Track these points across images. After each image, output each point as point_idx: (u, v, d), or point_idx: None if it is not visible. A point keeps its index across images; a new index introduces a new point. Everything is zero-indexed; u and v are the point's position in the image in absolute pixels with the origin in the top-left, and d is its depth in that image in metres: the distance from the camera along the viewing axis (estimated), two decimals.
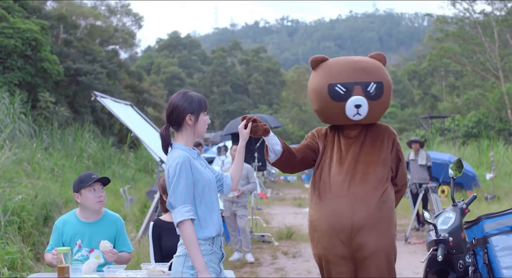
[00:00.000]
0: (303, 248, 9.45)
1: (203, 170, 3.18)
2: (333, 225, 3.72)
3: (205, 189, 3.13)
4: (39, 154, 14.34)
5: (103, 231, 3.86)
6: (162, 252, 3.95)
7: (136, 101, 31.78)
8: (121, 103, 13.05)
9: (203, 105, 3.23)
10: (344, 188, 3.74)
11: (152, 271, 3.50)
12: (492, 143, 22.26)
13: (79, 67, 25.53)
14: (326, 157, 3.86)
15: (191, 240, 3.00)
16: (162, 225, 4.05)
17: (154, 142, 11.58)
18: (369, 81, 3.76)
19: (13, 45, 20.24)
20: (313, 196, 3.86)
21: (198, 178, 3.11)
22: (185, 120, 3.16)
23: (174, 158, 3.09)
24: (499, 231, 2.96)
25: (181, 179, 3.03)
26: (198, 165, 3.17)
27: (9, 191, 8.12)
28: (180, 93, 3.23)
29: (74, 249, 3.81)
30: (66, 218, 3.95)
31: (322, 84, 3.80)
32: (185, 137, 3.21)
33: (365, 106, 3.72)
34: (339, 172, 3.77)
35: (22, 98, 18.02)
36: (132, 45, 39.49)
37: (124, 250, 3.94)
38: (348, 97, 3.72)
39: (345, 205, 3.71)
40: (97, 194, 3.85)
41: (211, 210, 3.14)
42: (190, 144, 3.23)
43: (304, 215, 14.55)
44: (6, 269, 5.77)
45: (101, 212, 3.96)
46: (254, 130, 3.57)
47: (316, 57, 3.97)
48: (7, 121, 15.20)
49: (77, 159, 17.61)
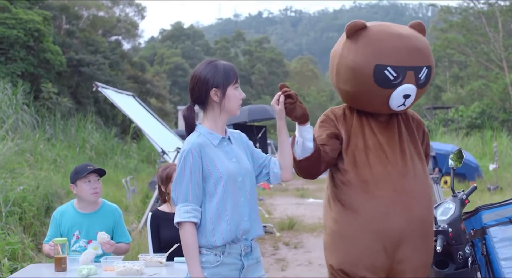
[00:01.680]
0: (305, 239, 9.45)
1: (222, 161, 2.64)
2: (378, 230, 2.97)
3: (218, 185, 2.59)
4: (42, 144, 14.34)
5: (101, 222, 3.85)
6: (161, 243, 3.94)
7: (139, 92, 31.77)
8: (123, 94, 13.02)
9: (232, 76, 2.67)
10: (393, 183, 3.01)
11: (149, 262, 3.49)
12: (495, 133, 22.18)
13: (82, 58, 25.51)
14: (357, 143, 3.07)
15: (187, 246, 2.58)
16: (161, 216, 4.03)
17: (156, 132, 11.57)
18: (422, 65, 3.03)
19: (15, 36, 20.23)
20: (342, 193, 3.06)
21: (210, 170, 2.60)
22: (209, 96, 2.64)
23: (184, 144, 2.65)
24: (498, 222, 2.91)
25: (185, 172, 2.57)
26: (217, 153, 2.64)
27: (10, 182, 8.12)
28: (204, 63, 2.72)
29: (72, 240, 3.80)
30: (63, 209, 3.93)
31: (367, 62, 2.97)
32: (210, 117, 2.69)
33: (413, 96, 3.04)
34: (381, 162, 3.03)
35: (24, 89, 18.01)
36: (135, 36, 39.42)
37: (122, 241, 3.92)
38: (398, 85, 2.99)
39: (396, 204, 2.98)
40: (92, 185, 3.83)
41: (221, 212, 2.59)
42: (219, 125, 2.69)
43: (306, 205, 14.55)
44: (6, 259, 5.77)
45: (99, 203, 3.94)
46: (288, 109, 2.81)
47: (356, 24, 3.04)
48: (10, 112, 15.20)
49: (79, 149, 17.63)
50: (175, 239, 3.78)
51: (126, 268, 3.25)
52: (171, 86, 52.33)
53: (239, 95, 2.69)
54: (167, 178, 3.99)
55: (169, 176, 3.98)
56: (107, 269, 3.38)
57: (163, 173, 4.04)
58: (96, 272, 3.29)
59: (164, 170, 4.06)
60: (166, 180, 4.00)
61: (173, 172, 3.99)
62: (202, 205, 2.62)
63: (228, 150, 2.70)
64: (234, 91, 2.67)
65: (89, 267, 3.27)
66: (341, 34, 3.21)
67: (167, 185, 4.00)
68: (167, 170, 4.03)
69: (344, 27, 3.10)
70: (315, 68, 69.51)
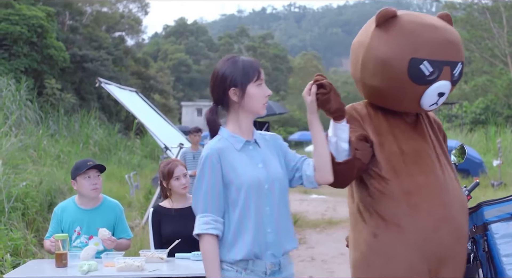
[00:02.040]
0: (308, 235, 9.44)
1: (245, 166, 2.40)
2: (425, 248, 2.63)
3: (240, 193, 2.35)
4: (45, 140, 14.37)
5: (102, 218, 3.84)
6: (162, 239, 3.93)
7: (143, 88, 31.78)
8: (126, 90, 13.04)
9: (252, 73, 2.42)
10: (438, 195, 2.68)
11: (150, 258, 3.49)
12: (499, 129, 22.13)
13: (85, 54, 25.52)
14: (391, 147, 2.73)
15: (205, 260, 2.35)
16: (162, 212, 4.02)
17: (159, 128, 11.59)
18: (457, 61, 2.73)
19: (19, 32, 20.23)
20: (380, 204, 2.68)
21: (231, 177, 2.37)
22: (229, 96, 2.42)
23: (203, 150, 2.43)
24: (499, 218, 2.87)
25: (203, 180, 2.37)
26: (239, 158, 2.41)
27: (13, 178, 8.13)
28: (223, 59, 2.50)
29: (73, 236, 3.79)
30: (65, 205, 3.93)
31: (401, 55, 2.65)
32: (232, 119, 2.46)
33: (447, 94, 2.75)
34: (422, 171, 2.70)
35: (28, 85, 18.03)
36: (138, 32, 39.43)
37: (123, 236, 3.92)
38: (433, 81, 2.67)
39: (444, 219, 2.66)
40: (92, 181, 3.81)
41: (244, 223, 2.35)
42: (243, 127, 2.45)
43: (309, 201, 14.55)
44: (8, 255, 5.78)
45: (100, 199, 3.93)
46: (320, 101, 2.46)
47: (388, 12, 2.72)
48: (13, 108, 15.22)
49: (83, 145, 17.64)
50: (177, 234, 3.78)
51: (127, 264, 3.25)
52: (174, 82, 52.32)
53: (263, 93, 2.44)
54: (169, 174, 3.98)
55: (170, 172, 3.97)
56: (107, 265, 3.38)
57: (165, 169, 4.02)
58: (96, 268, 3.28)
59: (166, 166, 4.05)
60: (168, 175, 3.98)
61: (174, 168, 3.98)
62: (226, 214, 2.37)
63: (254, 154, 2.44)
64: (256, 89, 2.41)
65: (90, 263, 3.27)
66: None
67: (169, 181, 3.99)
68: (169, 166, 4.02)
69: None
70: (319, 64, 69.35)
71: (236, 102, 2.41)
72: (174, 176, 3.96)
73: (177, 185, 3.97)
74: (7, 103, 15.09)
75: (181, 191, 3.99)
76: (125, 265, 3.25)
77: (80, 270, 3.20)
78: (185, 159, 8.28)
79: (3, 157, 9.53)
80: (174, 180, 3.97)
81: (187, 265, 3.48)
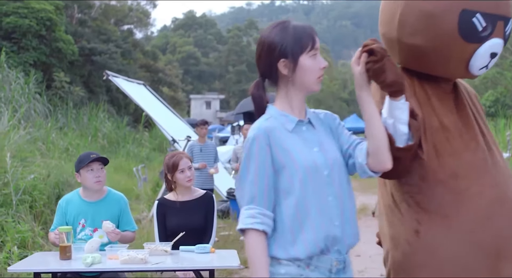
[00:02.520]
0: None
1: (300, 150, 2.02)
2: (479, 240, 2.22)
3: (295, 181, 1.98)
4: (54, 133, 14.42)
5: (106, 210, 3.84)
6: (167, 231, 3.93)
7: (151, 81, 31.82)
8: (134, 83, 13.06)
9: (305, 42, 2.06)
10: (489, 175, 2.28)
11: (154, 250, 3.48)
12: (509, 122, 21.96)
13: (94, 47, 25.58)
14: (431, 121, 2.31)
15: (251, 258, 1.98)
16: (167, 204, 4.01)
17: (167, 121, 11.59)
18: (509, 17, 2.34)
19: (27, 25, 20.30)
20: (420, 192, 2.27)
21: (283, 162, 1.99)
22: (278, 69, 2.05)
23: (249, 131, 2.06)
24: None
25: (250, 166, 2.00)
26: (292, 141, 2.04)
27: (21, 170, 8.16)
28: (272, 25, 2.15)
29: (78, 228, 3.80)
30: (69, 197, 3.93)
31: (451, 7, 2.24)
32: (282, 95, 2.10)
33: (498, 55, 2.35)
34: (467, 148, 2.30)
35: (37, 78, 18.10)
36: (147, 25, 39.48)
37: (128, 229, 3.91)
38: (486, 39, 2.27)
39: (499, 204, 2.25)
40: (95, 174, 3.80)
41: (303, 216, 1.97)
42: (294, 104, 2.09)
43: None
44: (16, 247, 5.80)
45: (104, 191, 3.93)
46: (372, 72, 2.05)
47: None
48: (22, 101, 15.29)
49: (91, 138, 17.71)
50: (181, 227, 3.78)
51: (130, 257, 3.24)
52: (183, 75, 52.37)
53: (318, 65, 2.06)
54: (174, 166, 3.97)
55: (175, 164, 3.96)
56: (111, 257, 3.38)
57: (170, 161, 4.01)
58: (100, 260, 3.28)
59: (170, 158, 4.04)
60: (173, 168, 3.97)
61: (179, 160, 3.97)
62: (277, 206, 2.01)
63: (308, 136, 2.08)
64: (309, 61, 2.04)
65: (94, 255, 3.27)
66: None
67: (174, 173, 3.98)
68: (174, 158, 4.01)
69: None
70: (328, 56, 69.09)
71: (287, 76, 2.05)
72: (179, 169, 3.96)
73: (182, 177, 3.96)
74: (16, 96, 15.16)
75: (186, 184, 3.98)
76: (128, 258, 3.24)
77: (83, 263, 3.20)
78: (192, 151, 8.29)
79: (12, 150, 9.57)
80: (179, 172, 3.96)
81: (192, 258, 3.48)
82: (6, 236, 6.17)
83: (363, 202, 12.87)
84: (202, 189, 4.22)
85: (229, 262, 3.32)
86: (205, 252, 3.56)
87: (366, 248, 7.70)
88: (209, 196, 4.12)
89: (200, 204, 4.03)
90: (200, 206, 4.02)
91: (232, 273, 6.32)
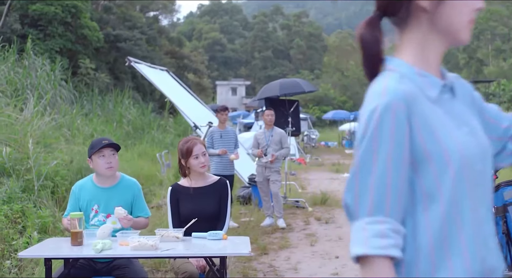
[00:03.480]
0: (337, 214, 9.35)
1: (450, 130, 1.36)
2: None
3: (445, 178, 1.32)
4: (79, 119, 14.53)
5: (120, 196, 3.80)
6: (180, 217, 3.89)
7: (177, 67, 31.86)
8: (157, 69, 13.04)
9: None
10: None
11: (166, 237, 3.45)
12: None
13: (119, 34, 25.67)
14: None
15: None
16: (180, 190, 3.96)
17: (189, 107, 11.56)
18: None
19: (53, 13, 20.43)
20: None
21: (429, 150, 1.33)
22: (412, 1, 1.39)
23: (373, 96, 1.35)
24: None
25: (379, 151, 1.31)
26: (438, 116, 1.36)
27: (44, 156, 8.22)
28: None
29: (91, 214, 3.78)
30: (82, 183, 3.91)
31: None
32: (414, 42, 1.42)
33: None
34: None
35: (63, 65, 18.23)
36: (172, 11, 39.41)
37: (141, 215, 3.88)
38: None
39: None
40: (107, 160, 3.77)
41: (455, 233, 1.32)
42: (431, 59, 1.42)
43: (341, 180, 14.41)
44: (35, 232, 5.84)
45: (117, 177, 3.89)
46: None
47: None
48: (48, 88, 15.43)
49: (116, 124, 17.79)
50: (195, 213, 3.74)
51: (141, 243, 3.21)
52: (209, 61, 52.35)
53: (473, 4, 1.40)
54: (188, 152, 3.92)
55: (189, 150, 3.91)
56: (122, 243, 3.35)
57: (184, 147, 3.96)
58: (111, 246, 3.26)
59: (184, 144, 3.99)
60: (187, 154, 3.92)
61: (193, 146, 3.91)
62: (409, 217, 1.34)
63: (453, 109, 1.41)
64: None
65: (104, 241, 3.24)
66: None
67: (188, 159, 3.93)
68: (188, 144, 3.96)
69: None
70: (354, 42, 68.42)
71: (426, 12, 1.38)
72: (193, 155, 3.91)
73: (196, 163, 3.91)
74: (42, 83, 15.29)
75: (200, 170, 3.93)
76: (139, 244, 3.21)
77: (93, 249, 3.18)
78: (212, 137, 8.24)
79: (37, 136, 9.65)
80: (193, 158, 3.91)
81: (203, 244, 3.43)
82: (27, 221, 6.23)
83: None
84: (222, 175, 4.17)
85: (241, 249, 3.26)
86: (218, 238, 3.51)
87: None
88: (223, 182, 4.07)
89: (214, 190, 3.98)
90: (214, 192, 3.97)
91: (251, 260, 6.29)
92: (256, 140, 8.55)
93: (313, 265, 6.10)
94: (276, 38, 62.72)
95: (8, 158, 7.58)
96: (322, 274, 5.72)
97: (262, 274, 5.71)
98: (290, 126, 10.17)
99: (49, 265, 3.22)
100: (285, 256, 6.53)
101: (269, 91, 10.69)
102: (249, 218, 8.68)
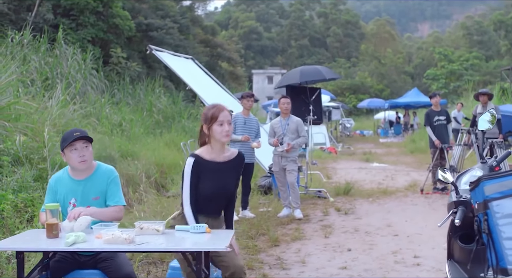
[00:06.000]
0: (358, 205, 9.11)
1: None
2: None
3: None
4: (108, 108, 14.55)
5: (96, 187, 3.65)
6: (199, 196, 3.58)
7: (210, 56, 31.78)
8: (181, 57, 12.94)
9: None
10: None
11: (146, 230, 3.30)
12: None
13: (151, 23, 25.68)
14: None
15: None
16: (203, 164, 3.59)
17: (212, 95, 11.43)
18: None
19: (85, 2, 20.53)
20: None
21: None
22: None
23: None
24: (502, 194, 2.42)
25: None
26: None
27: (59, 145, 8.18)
28: None
29: (69, 208, 3.63)
30: (58, 176, 3.75)
31: None
32: None
33: None
34: None
35: (94, 54, 18.29)
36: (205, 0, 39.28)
37: (111, 204, 3.67)
38: None
39: None
40: (79, 153, 3.61)
41: None
42: None
43: (368, 170, 14.13)
44: None
45: (93, 167, 3.73)
46: None
47: None
48: (78, 77, 15.51)
49: (146, 113, 17.78)
50: (214, 194, 3.60)
51: (114, 236, 3.07)
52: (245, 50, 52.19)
53: None
54: (213, 117, 3.58)
55: (215, 116, 3.58)
56: (99, 236, 3.21)
57: (209, 112, 3.62)
58: (85, 239, 3.12)
59: (210, 109, 3.65)
60: (211, 119, 3.59)
61: (219, 112, 3.59)
62: None
63: None
64: None
65: (78, 234, 3.11)
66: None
67: (211, 125, 3.59)
68: (214, 109, 3.62)
69: None
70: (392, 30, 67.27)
71: None
72: (218, 121, 3.58)
73: (219, 130, 3.58)
74: (72, 72, 15.39)
75: (223, 139, 3.60)
76: (112, 237, 3.07)
77: (65, 242, 3.05)
78: (235, 123, 8.11)
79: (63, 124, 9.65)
80: (218, 125, 3.58)
81: (182, 238, 3.26)
82: (36, 210, 6.19)
83: (414, 178, 12.40)
84: None
85: (218, 244, 3.07)
86: (200, 232, 3.34)
87: (406, 228, 7.36)
88: (242, 157, 3.78)
89: (234, 166, 3.71)
90: (233, 170, 3.71)
91: (260, 252, 6.13)
92: (272, 129, 8.36)
93: (322, 258, 5.89)
94: (312, 26, 62.08)
95: (22, 146, 7.57)
96: (330, 268, 5.51)
97: (268, 267, 5.54)
98: (312, 115, 9.93)
99: (21, 258, 3.12)
100: (296, 248, 6.34)
101: (290, 79, 10.45)
102: (267, 208, 8.51)
